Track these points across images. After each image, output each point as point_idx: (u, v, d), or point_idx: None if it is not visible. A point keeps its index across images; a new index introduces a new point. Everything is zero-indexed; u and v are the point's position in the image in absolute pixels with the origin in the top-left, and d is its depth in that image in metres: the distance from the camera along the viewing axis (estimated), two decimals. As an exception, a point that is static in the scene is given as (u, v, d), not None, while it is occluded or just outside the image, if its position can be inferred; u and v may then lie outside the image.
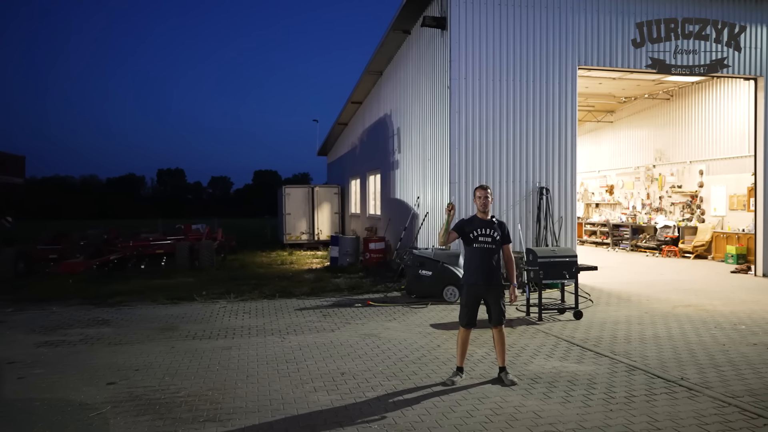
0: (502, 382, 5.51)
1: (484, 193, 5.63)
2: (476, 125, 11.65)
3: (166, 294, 10.98)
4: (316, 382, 5.63)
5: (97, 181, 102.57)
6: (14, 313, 9.51)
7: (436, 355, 6.64)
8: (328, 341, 7.34)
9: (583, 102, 19.51)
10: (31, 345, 7.27)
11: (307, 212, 23.46)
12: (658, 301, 10.13)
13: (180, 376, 5.88)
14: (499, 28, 11.67)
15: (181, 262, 15.11)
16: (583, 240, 22.63)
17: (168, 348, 7.05)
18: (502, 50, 11.73)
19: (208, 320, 8.76)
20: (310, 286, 12.09)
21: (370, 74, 18.66)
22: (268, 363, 6.34)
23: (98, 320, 8.81)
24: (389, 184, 17.27)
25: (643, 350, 6.77)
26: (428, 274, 10.20)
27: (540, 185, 11.95)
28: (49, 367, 6.24)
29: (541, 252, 8.67)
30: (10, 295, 11.22)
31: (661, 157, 19.64)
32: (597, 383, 5.53)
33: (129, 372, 6.03)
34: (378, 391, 5.37)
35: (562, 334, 7.65)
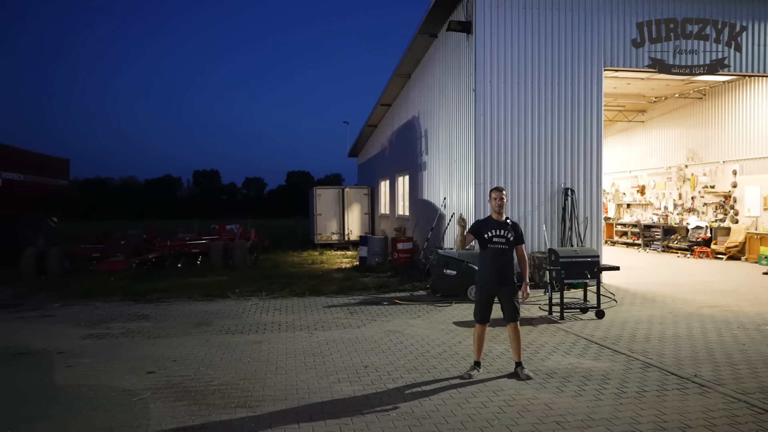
0: (518, 376, 5.74)
1: (500, 194, 5.86)
2: (501, 127, 11.84)
3: (201, 291, 11.48)
4: (340, 374, 5.95)
5: (135, 182, 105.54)
6: (61, 307, 10.13)
7: (456, 351, 6.89)
8: (354, 337, 7.66)
9: (612, 102, 19.43)
10: (77, 337, 7.80)
11: (337, 213, 23.89)
12: (683, 301, 10.15)
13: (214, 366, 6.28)
14: (524, 31, 11.83)
15: (216, 261, 15.65)
16: (614, 241, 22.48)
17: (203, 341, 7.48)
18: (526, 53, 11.88)
19: (241, 316, 9.18)
20: (339, 284, 12.45)
21: (399, 77, 18.96)
22: (295, 356, 6.70)
23: (138, 315, 9.32)
24: (417, 185, 17.54)
25: (661, 349, 6.89)
26: (453, 274, 10.44)
27: (565, 186, 12.06)
28: (95, 357, 6.73)
29: (562, 252, 8.82)
30: (58, 291, 11.89)
31: (693, 156, 19.39)
32: (610, 379, 5.71)
33: (167, 362, 6.46)
34: (398, 383, 5.66)
35: (582, 332, 7.81)
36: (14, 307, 10.21)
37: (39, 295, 11.55)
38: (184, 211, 71.25)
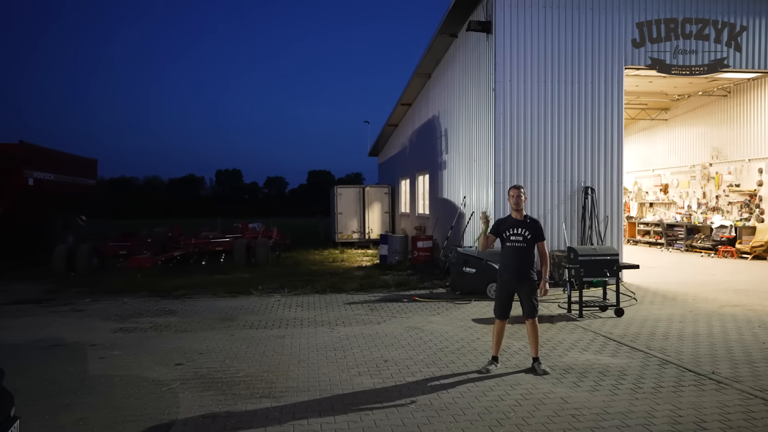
0: (535, 371, 5.84)
1: (517, 192, 5.97)
2: (521, 126, 11.89)
3: (225, 288, 11.75)
4: (361, 368, 6.12)
5: (159, 182, 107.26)
6: (92, 303, 10.48)
7: (474, 346, 7.00)
8: (374, 332, 7.83)
9: (635, 100, 19.29)
10: (108, 331, 8.10)
11: (358, 212, 24.10)
12: (704, 300, 10.10)
13: (239, 359, 6.50)
14: (544, 30, 11.87)
15: (239, 259, 15.95)
16: (636, 240, 22.29)
17: (228, 335, 7.71)
18: (546, 52, 11.92)
19: (264, 312, 9.41)
20: (359, 282, 12.62)
21: (419, 77, 19.09)
22: (317, 350, 6.88)
23: (165, 310, 9.61)
24: (437, 184, 17.64)
25: (680, 346, 6.92)
26: (472, 272, 10.54)
27: (585, 185, 12.06)
28: (125, 350, 7.00)
29: (581, 250, 8.86)
30: (88, 287, 12.28)
31: (718, 155, 19.14)
32: (627, 375, 5.78)
33: (194, 355, 6.70)
34: (417, 376, 5.80)
35: (600, 330, 7.86)
36: (47, 302, 10.59)
37: (70, 290, 11.93)
38: (206, 210, 72.23)
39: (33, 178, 18.15)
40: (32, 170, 18.10)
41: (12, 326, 8.46)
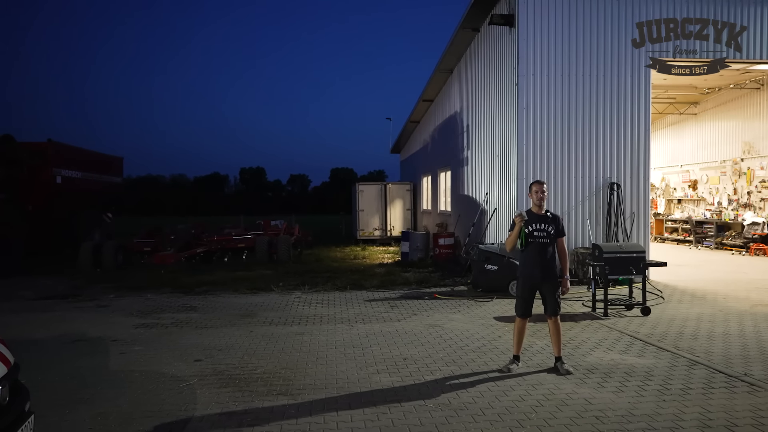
0: (558, 371, 5.69)
1: (540, 187, 5.82)
2: (544, 121, 11.67)
3: (246, 285, 11.79)
4: (379, 366, 6.04)
5: (185, 179, 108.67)
6: (116, 298, 10.60)
7: (495, 345, 6.87)
8: (394, 330, 7.74)
9: (662, 94, 18.82)
10: (130, 326, 8.16)
11: (379, 209, 24.02)
12: (735, 299, 9.79)
13: (257, 356, 6.48)
14: (568, 23, 11.62)
15: (261, 256, 16.02)
16: (664, 237, 21.78)
17: (247, 332, 7.70)
18: (570, 46, 11.67)
19: (284, 309, 9.40)
20: (380, 279, 12.55)
21: (441, 72, 18.90)
22: (336, 348, 6.82)
23: (187, 306, 9.67)
24: (459, 180, 17.47)
25: (709, 347, 6.69)
26: (494, 269, 10.38)
27: (611, 181, 11.79)
28: (146, 345, 7.04)
29: (606, 247, 8.64)
30: (112, 283, 12.44)
31: (749, 149, 18.58)
32: (654, 375, 5.59)
33: (213, 351, 6.70)
34: (436, 375, 5.70)
35: (626, 329, 7.65)
36: (73, 297, 10.74)
37: (95, 286, 12.10)
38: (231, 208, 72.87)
39: (61, 176, 18.46)
40: (60, 168, 18.40)
41: (38, 321, 8.59)
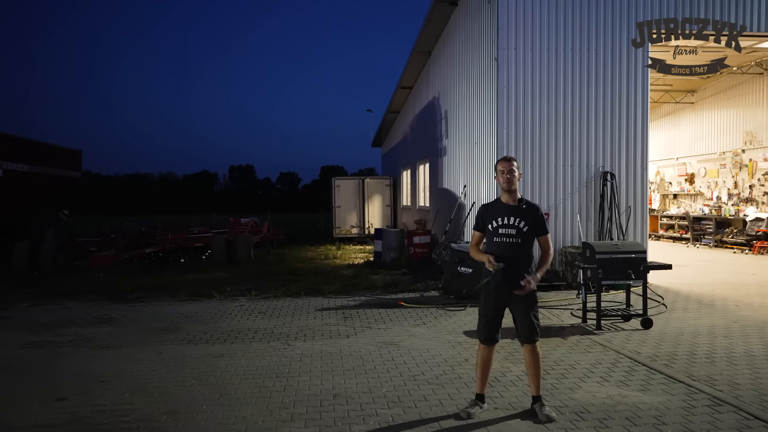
0: (535, 416, 4.18)
1: (508, 166, 4.30)
2: (528, 102, 10.19)
3: (189, 290, 10.25)
4: (298, 407, 4.51)
5: (174, 177, 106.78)
6: (27, 308, 9.02)
7: (459, 373, 5.37)
8: (337, 350, 6.23)
9: (658, 80, 17.40)
10: (15, 346, 6.60)
11: (357, 205, 22.48)
12: (750, 307, 8.34)
13: (144, 392, 4.92)
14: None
15: (218, 256, 14.49)
16: (659, 235, 20.39)
17: (155, 354, 6.17)
18: (558, 15, 10.19)
19: (216, 321, 7.86)
20: (343, 283, 11.04)
21: (419, 55, 17.37)
22: (254, 377, 5.29)
23: (103, 318, 8.12)
24: (437, 172, 15.97)
25: (733, 375, 5.21)
26: (468, 272, 8.87)
27: (604, 170, 10.33)
28: (15, 374, 5.49)
29: (600, 247, 7.17)
30: (39, 288, 10.88)
31: (752, 140, 17.22)
32: (666, 423, 4.10)
33: (92, 384, 5.14)
34: (369, 423, 4.18)
35: (624, 348, 6.17)
36: (-25, 306, 9.14)
37: (18, 291, 10.55)
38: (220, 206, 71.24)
39: (3, 169, 16.82)
40: (2, 160, 16.76)
41: None
